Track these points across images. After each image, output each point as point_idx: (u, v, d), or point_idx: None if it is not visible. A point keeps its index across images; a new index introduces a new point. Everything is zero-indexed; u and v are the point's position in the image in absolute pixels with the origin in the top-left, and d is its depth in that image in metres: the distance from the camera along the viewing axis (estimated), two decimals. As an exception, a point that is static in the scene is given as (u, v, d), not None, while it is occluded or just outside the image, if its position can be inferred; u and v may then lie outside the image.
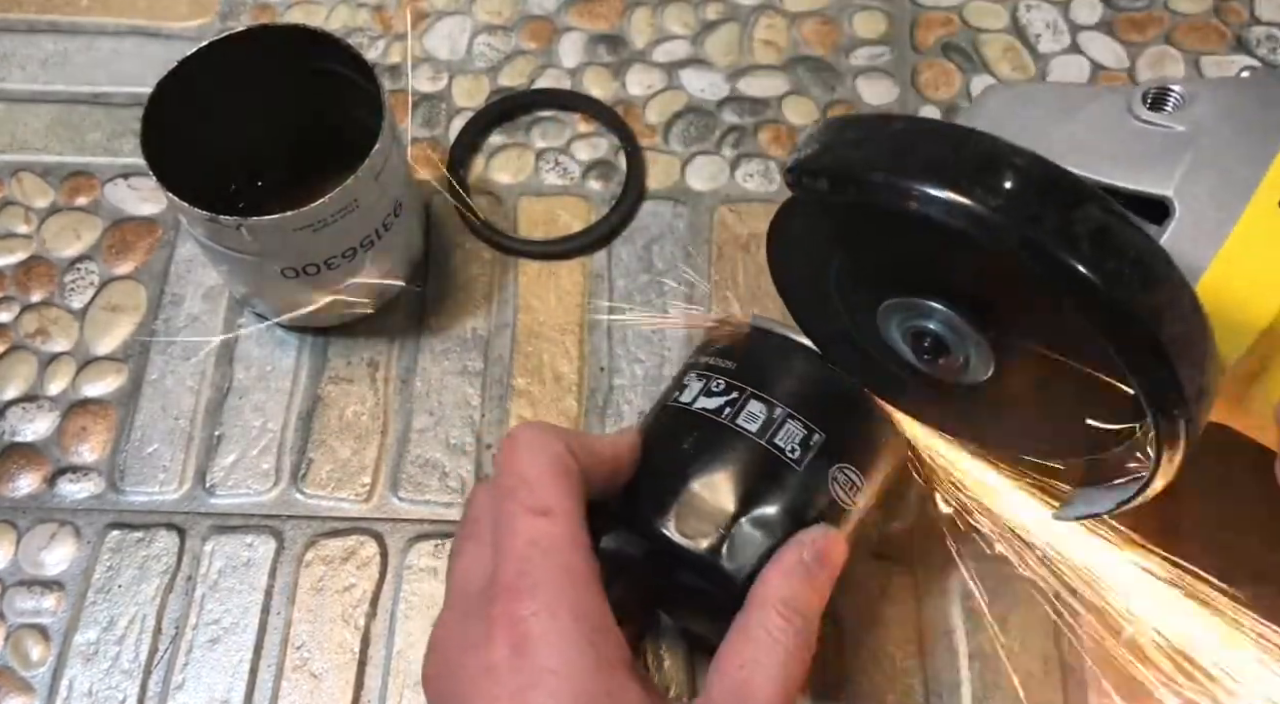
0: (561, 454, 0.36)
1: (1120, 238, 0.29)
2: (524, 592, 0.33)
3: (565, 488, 0.36)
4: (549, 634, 0.33)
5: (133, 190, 0.58)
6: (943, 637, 0.46)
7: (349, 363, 0.53)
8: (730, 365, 0.42)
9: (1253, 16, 0.62)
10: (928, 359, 0.36)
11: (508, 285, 0.55)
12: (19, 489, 0.51)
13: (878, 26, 0.62)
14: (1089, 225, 0.29)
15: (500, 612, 0.33)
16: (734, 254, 0.55)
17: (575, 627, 0.33)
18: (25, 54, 0.63)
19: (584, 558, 0.35)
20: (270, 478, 0.51)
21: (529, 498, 0.35)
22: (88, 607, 0.48)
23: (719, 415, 0.40)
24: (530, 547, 0.34)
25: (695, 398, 0.41)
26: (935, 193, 0.29)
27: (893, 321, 0.37)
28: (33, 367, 0.53)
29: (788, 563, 0.37)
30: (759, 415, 0.40)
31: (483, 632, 0.34)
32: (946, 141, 0.30)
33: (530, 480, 0.36)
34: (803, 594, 0.37)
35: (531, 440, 0.37)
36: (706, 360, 0.43)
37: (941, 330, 0.35)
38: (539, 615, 0.33)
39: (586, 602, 0.34)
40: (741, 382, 0.41)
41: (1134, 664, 0.41)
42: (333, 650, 0.47)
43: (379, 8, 0.64)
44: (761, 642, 0.35)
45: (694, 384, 0.42)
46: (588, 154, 0.59)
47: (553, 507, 0.35)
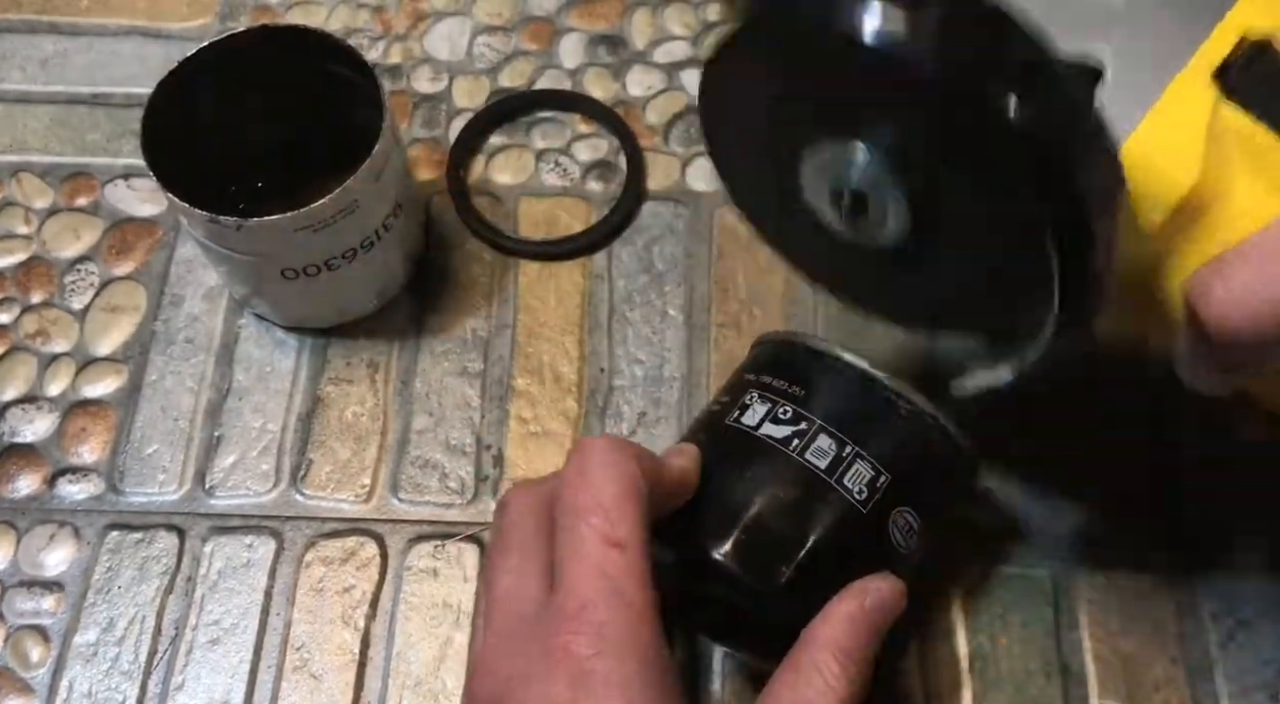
0: (637, 478, 0.35)
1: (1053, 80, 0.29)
2: (589, 628, 0.32)
3: (638, 518, 0.34)
4: (612, 677, 0.32)
5: (133, 191, 0.58)
6: (943, 637, 0.46)
7: (349, 363, 0.53)
8: (798, 392, 0.40)
9: None
10: (849, 216, 0.36)
11: (508, 286, 0.55)
12: (18, 490, 0.51)
13: (878, 27, 0.62)
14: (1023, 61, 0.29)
15: (562, 646, 0.32)
16: (734, 254, 0.55)
17: (639, 671, 0.32)
18: (25, 54, 0.63)
19: (648, 595, 0.34)
20: (270, 479, 0.51)
21: (603, 526, 0.34)
22: (87, 607, 0.48)
23: (787, 446, 0.39)
24: (599, 578, 0.33)
25: (760, 423, 0.40)
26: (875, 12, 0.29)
27: (814, 175, 0.36)
28: (32, 367, 0.53)
29: (850, 609, 0.37)
30: (828, 452, 0.39)
31: (542, 663, 0.32)
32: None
33: (605, 505, 0.34)
34: (860, 643, 0.36)
35: (608, 459, 0.35)
36: (768, 380, 0.41)
37: (862, 180, 0.35)
38: (604, 656, 0.32)
39: (649, 642, 0.33)
40: (810, 412, 0.40)
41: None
42: (332, 651, 0.47)
43: (379, 8, 0.64)
44: (817, 687, 0.35)
45: (757, 406, 0.41)
46: (588, 154, 0.59)
47: (626, 539, 0.34)
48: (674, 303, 0.54)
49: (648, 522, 0.35)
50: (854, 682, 0.36)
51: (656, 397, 0.52)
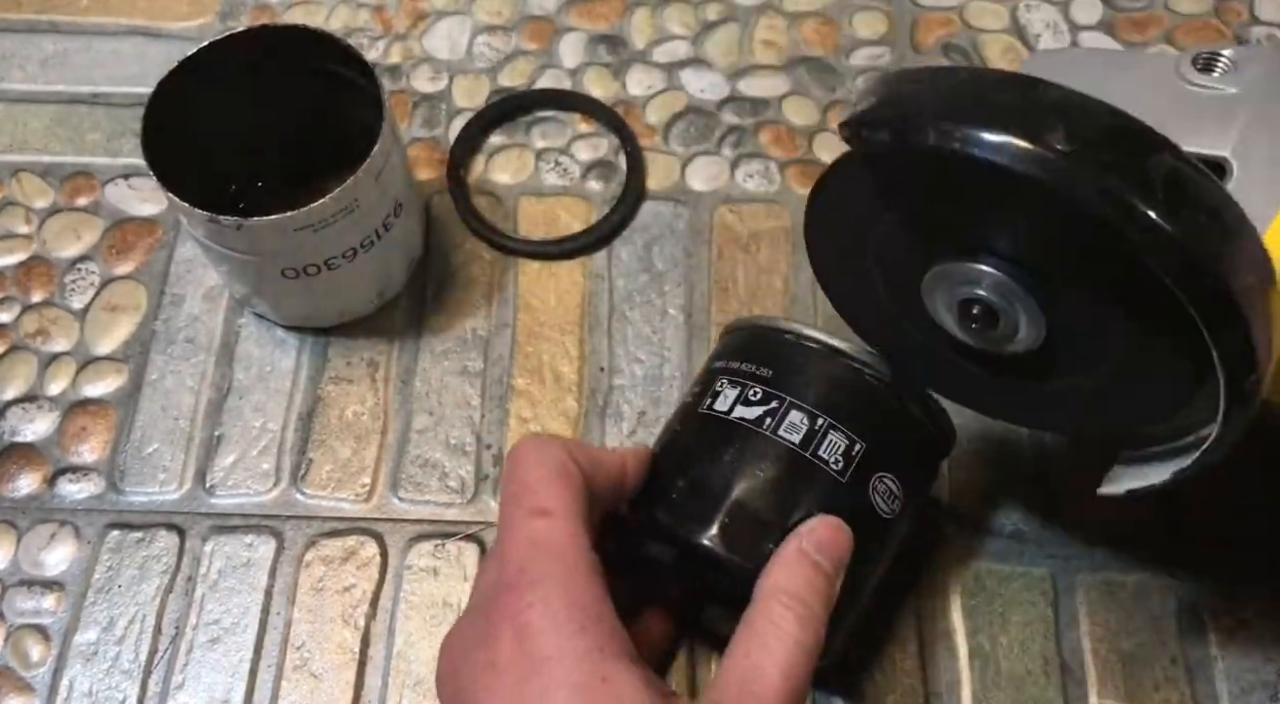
0: (562, 459, 0.37)
1: (1194, 186, 0.29)
2: (524, 587, 0.34)
3: (564, 489, 0.36)
4: (545, 623, 0.33)
5: (133, 190, 0.58)
6: (943, 637, 0.46)
7: (349, 363, 0.53)
8: (765, 372, 0.41)
9: (1252, 16, 0.62)
10: (976, 328, 0.35)
11: (508, 285, 0.55)
12: (19, 489, 0.51)
13: (878, 26, 0.62)
14: (1163, 172, 0.28)
15: (502, 607, 0.34)
16: (734, 254, 0.55)
17: (569, 614, 0.34)
18: (25, 54, 0.63)
19: (582, 553, 0.35)
20: (270, 478, 0.51)
21: (529, 500, 0.36)
22: (88, 607, 0.48)
23: (760, 426, 0.40)
24: (529, 545, 0.35)
25: (732, 406, 0.41)
26: (1006, 139, 0.29)
27: (939, 292, 0.36)
28: (33, 367, 0.53)
29: (788, 553, 0.38)
30: (801, 426, 0.40)
31: (487, 629, 0.34)
32: (1016, 89, 0.30)
33: (530, 484, 0.37)
34: (804, 582, 0.37)
35: (532, 449, 0.38)
36: (736, 365, 0.42)
37: (991, 296, 0.34)
38: (534, 606, 0.34)
39: (583, 592, 0.34)
40: (779, 390, 0.40)
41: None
42: (333, 651, 0.47)
43: (379, 8, 0.64)
44: (764, 630, 0.36)
45: (728, 391, 0.41)
46: (588, 154, 0.59)
47: (551, 507, 0.36)
48: (674, 302, 0.54)
49: (580, 496, 0.37)
50: (802, 619, 0.36)
51: (656, 396, 0.52)
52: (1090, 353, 0.35)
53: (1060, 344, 0.35)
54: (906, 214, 0.36)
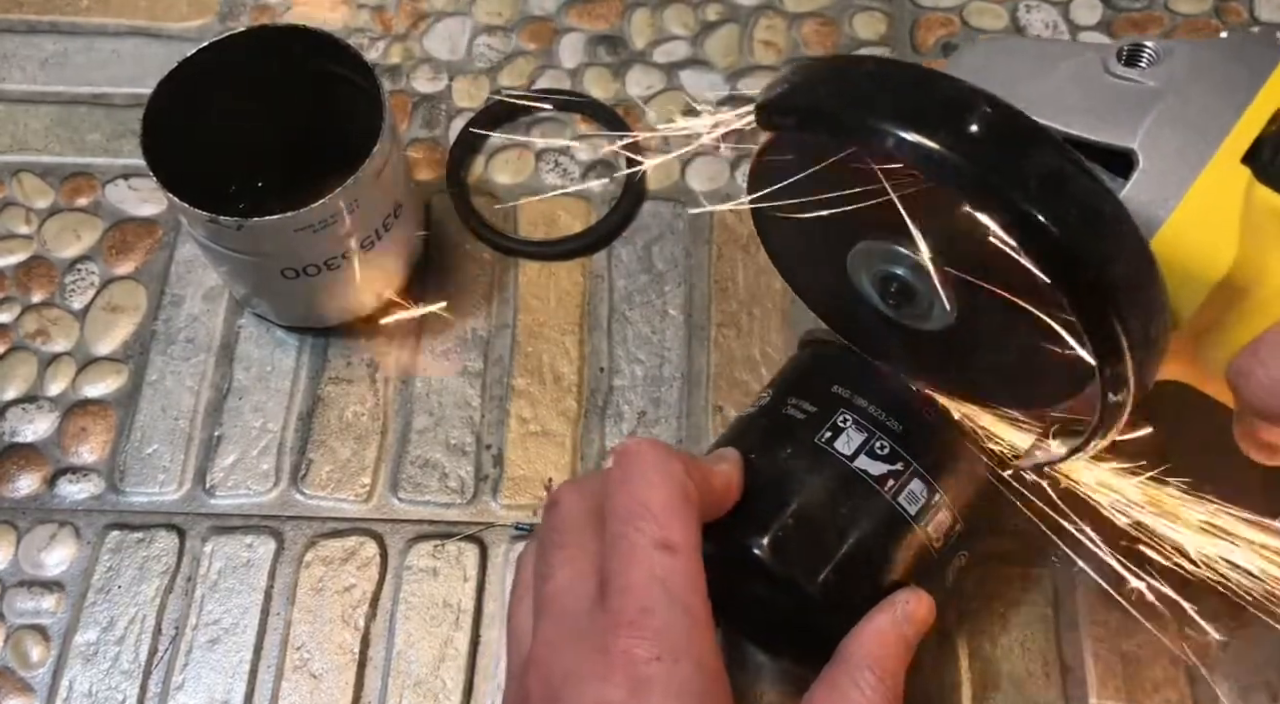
0: (684, 482, 0.35)
1: (1072, 183, 0.30)
2: (648, 633, 0.32)
3: (688, 521, 0.35)
4: (670, 684, 0.32)
5: (133, 191, 0.58)
6: (943, 637, 0.46)
7: (349, 363, 0.53)
8: (895, 426, 0.40)
9: (1252, 16, 0.62)
10: (893, 304, 0.36)
11: (508, 285, 0.55)
12: (19, 489, 0.51)
13: (878, 27, 0.62)
14: (1042, 169, 0.30)
15: (622, 649, 0.32)
16: (734, 254, 0.55)
17: (695, 677, 0.32)
18: (25, 54, 0.63)
19: (703, 600, 0.34)
20: (270, 478, 0.51)
21: (653, 529, 0.34)
22: (87, 607, 0.48)
23: (882, 486, 0.39)
24: (654, 583, 0.33)
25: (856, 453, 0.39)
26: (898, 132, 0.30)
27: (862, 268, 0.37)
28: (33, 367, 0.53)
29: (882, 624, 0.37)
30: (920, 498, 0.39)
31: (600, 663, 0.32)
32: (913, 83, 0.31)
33: (653, 509, 0.34)
34: (893, 654, 0.37)
35: (656, 462, 0.35)
36: (863, 404, 0.40)
37: (906, 275, 0.35)
38: (662, 661, 0.32)
39: (706, 651, 0.33)
40: (907, 453, 0.40)
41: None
42: (333, 651, 0.47)
43: (379, 8, 0.64)
44: (855, 700, 0.35)
45: (853, 434, 0.40)
46: (588, 154, 0.59)
47: (677, 542, 0.34)
48: (674, 303, 0.54)
49: (698, 525, 0.35)
50: (889, 692, 0.36)
51: (656, 396, 0.52)
52: (996, 336, 0.36)
53: (971, 324, 0.36)
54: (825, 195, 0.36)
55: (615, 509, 0.35)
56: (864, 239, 0.36)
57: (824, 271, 0.39)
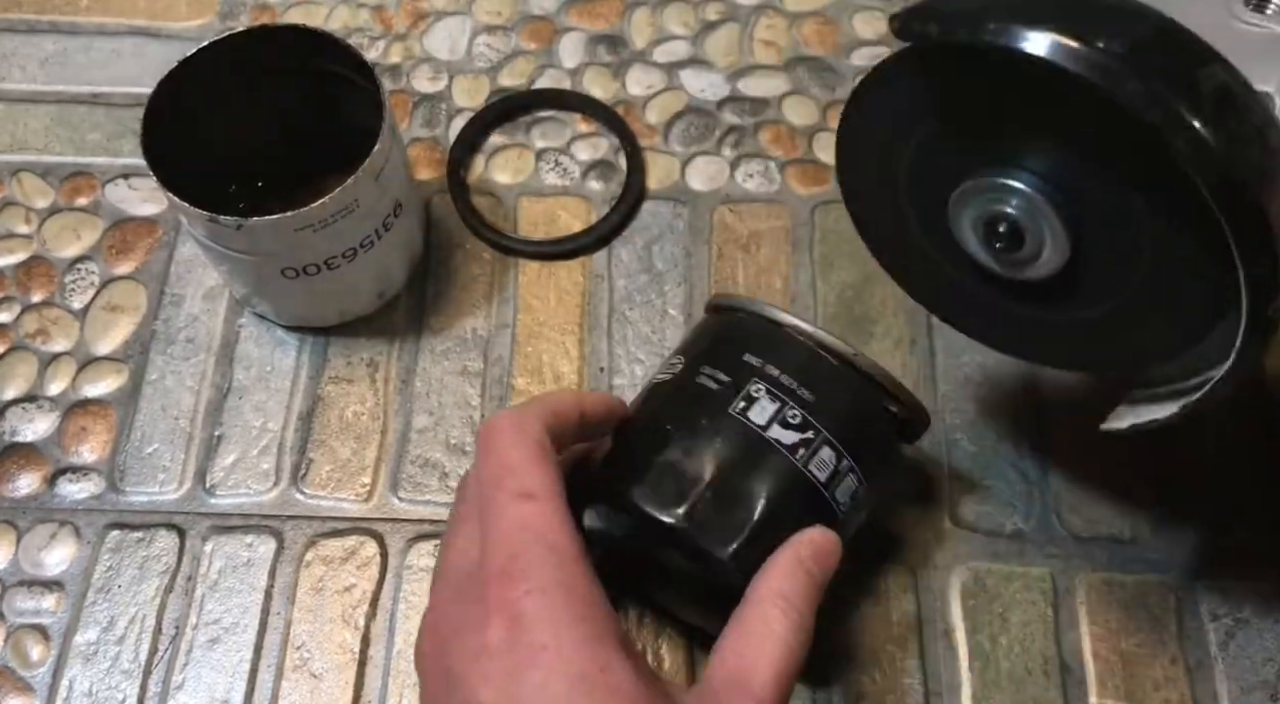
0: (539, 436, 0.37)
1: (1242, 102, 0.29)
2: (516, 574, 0.34)
3: (546, 470, 0.36)
4: (541, 612, 0.33)
5: (133, 190, 0.58)
6: (943, 637, 0.46)
7: (349, 363, 0.53)
8: (806, 395, 0.40)
9: (1253, 16, 0.62)
10: (1001, 248, 0.35)
11: (508, 285, 0.55)
12: (19, 489, 0.51)
13: (878, 26, 0.62)
14: (1212, 84, 0.28)
15: (494, 594, 0.34)
16: (734, 254, 0.55)
17: (567, 603, 0.34)
18: (25, 54, 0.63)
19: (570, 537, 0.35)
20: (270, 478, 0.51)
21: (512, 483, 0.36)
22: (87, 607, 0.48)
23: (793, 455, 0.40)
24: (519, 530, 0.35)
25: (769, 423, 0.40)
26: (1060, 38, 0.28)
27: (967, 208, 0.36)
28: (33, 367, 0.53)
29: (785, 561, 0.38)
30: (829, 464, 0.40)
31: (478, 614, 0.34)
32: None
33: (512, 466, 0.36)
34: (800, 590, 0.38)
35: (509, 425, 0.37)
36: (775, 373, 0.41)
37: (1019, 213, 0.34)
38: (531, 595, 0.34)
39: (576, 579, 0.34)
40: (817, 421, 0.40)
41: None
42: (333, 650, 0.47)
43: (379, 8, 0.64)
44: (760, 633, 0.36)
45: (766, 403, 0.40)
46: (588, 154, 0.59)
47: (535, 490, 0.36)
48: (674, 302, 0.54)
49: (557, 472, 0.37)
50: (795, 624, 0.37)
51: (656, 396, 0.52)
52: (1113, 280, 0.35)
53: (1083, 269, 0.35)
54: (944, 122, 0.35)
55: (481, 476, 0.37)
56: (971, 177, 0.34)
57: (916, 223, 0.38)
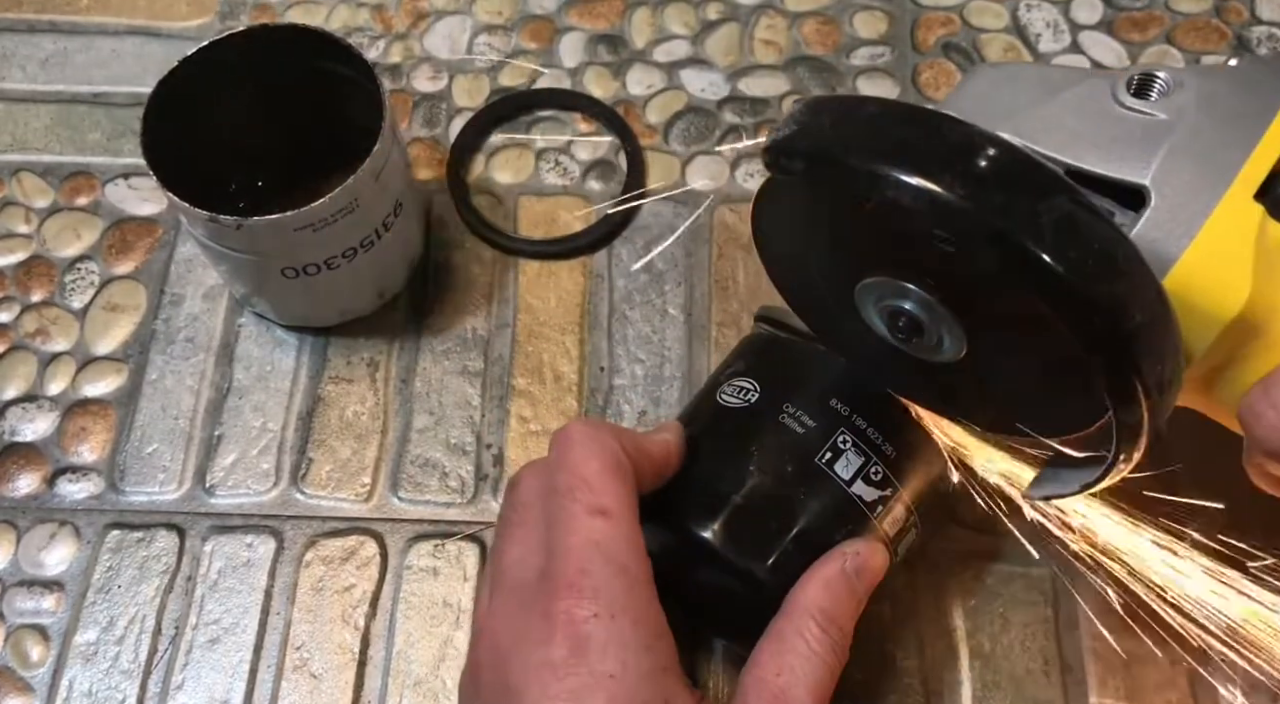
0: (618, 453, 0.37)
1: (1086, 229, 0.30)
2: (586, 593, 0.34)
3: (622, 488, 0.36)
4: (610, 638, 0.33)
5: (133, 190, 0.58)
6: (943, 637, 0.46)
7: (349, 363, 0.53)
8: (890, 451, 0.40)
9: (1253, 16, 0.62)
10: (902, 338, 0.36)
11: (508, 285, 0.55)
12: (19, 489, 0.51)
13: (878, 26, 0.62)
14: (1055, 215, 0.29)
15: (562, 610, 0.33)
16: (734, 254, 0.55)
17: (634, 632, 0.33)
18: (25, 54, 0.63)
19: (641, 560, 0.35)
20: (270, 478, 0.51)
21: (588, 498, 0.35)
22: (87, 607, 0.48)
23: (872, 512, 0.40)
24: (591, 547, 0.34)
25: (854, 479, 0.40)
26: (906, 178, 0.29)
27: (869, 300, 0.37)
28: (33, 366, 0.53)
29: (830, 573, 0.37)
30: (899, 521, 0.40)
31: (543, 627, 0.34)
32: (921, 127, 0.31)
33: (589, 480, 0.36)
34: (841, 605, 0.37)
35: (588, 438, 0.37)
36: (863, 425, 0.40)
37: (915, 310, 0.35)
38: (600, 618, 0.33)
39: (645, 606, 0.34)
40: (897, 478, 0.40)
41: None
42: (332, 651, 0.47)
43: (379, 8, 0.64)
44: (800, 651, 0.36)
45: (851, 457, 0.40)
46: (588, 154, 0.59)
47: (611, 507, 0.35)
48: (674, 302, 0.54)
49: (633, 492, 0.36)
50: (835, 643, 0.36)
51: (656, 396, 0.52)
52: (1007, 370, 0.36)
53: (981, 358, 0.36)
54: (832, 233, 0.36)
55: (554, 485, 0.37)
56: (870, 274, 0.36)
57: (830, 303, 0.39)
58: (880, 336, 0.38)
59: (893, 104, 0.33)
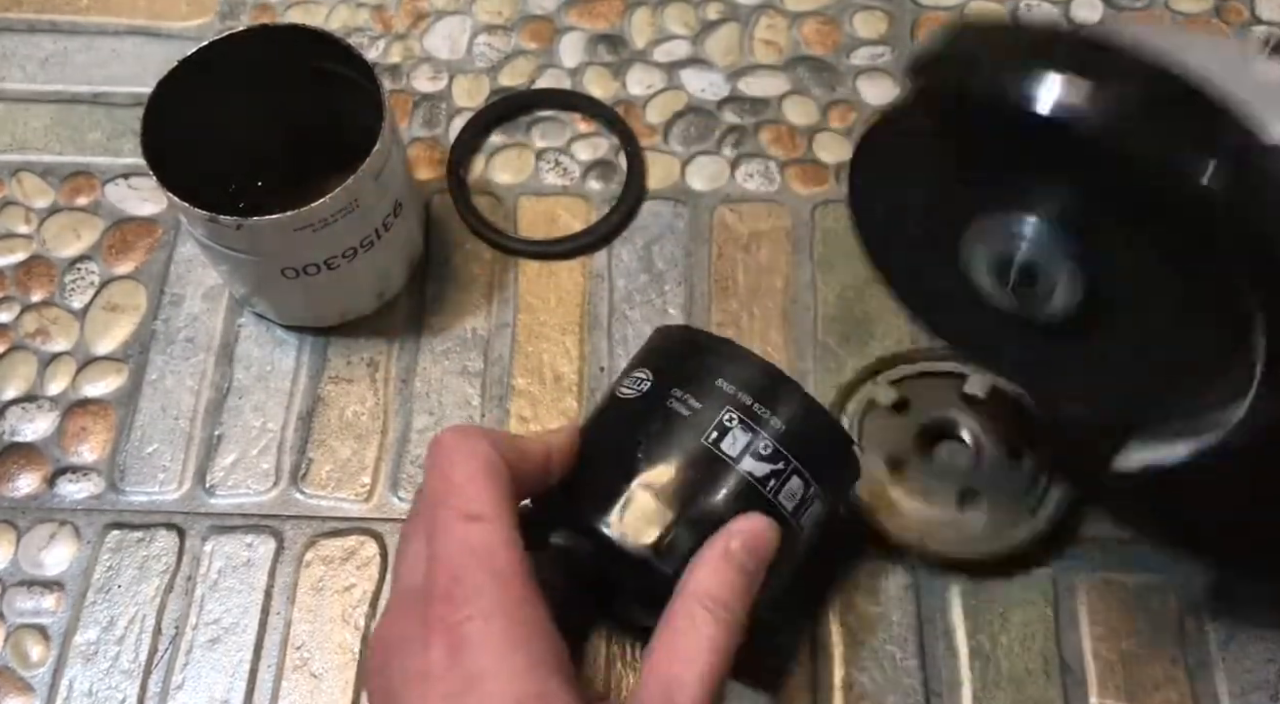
0: (489, 456, 0.37)
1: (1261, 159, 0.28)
2: (458, 597, 0.34)
3: (495, 491, 0.36)
4: (484, 638, 0.33)
5: (133, 190, 0.58)
6: (943, 637, 0.46)
7: (349, 363, 0.53)
8: (778, 426, 0.40)
9: (1253, 15, 0.62)
10: (1013, 288, 0.35)
11: (508, 285, 0.55)
12: (19, 489, 0.51)
13: (878, 26, 0.62)
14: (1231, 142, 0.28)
15: (437, 615, 0.34)
16: (734, 254, 0.55)
17: (509, 630, 0.34)
18: (25, 54, 0.63)
19: (517, 560, 0.35)
20: (270, 478, 0.51)
21: (460, 503, 0.36)
22: (88, 607, 0.48)
23: (764, 487, 0.39)
24: (464, 552, 0.35)
25: (741, 455, 0.39)
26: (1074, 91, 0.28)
27: (979, 247, 0.35)
28: (33, 366, 0.53)
29: (714, 555, 0.37)
30: (796, 494, 0.40)
31: (421, 635, 0.34)
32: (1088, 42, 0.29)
33: (460, 485, 0.36)
34: (729, 586, 0.37)
35: (457, 444, 0.37)
36: (748, 402, 0.40)
37: (1032, 252, 0.33)
38: (474, 620, 0.33)
39: (519, 604, 0.34)
40: (789, 452, 0.40)
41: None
42: (333, 650, 0.47)
43: (379, 8, 0.64)
44: (689, 637, 0.36)
45: (739, 434, 0.39)
46: (588, 154, 0.59)
47: (484, 511, 0.35)
48: (674, 302, 0.54)
49: (509, 494, 0.36)
50: (723, 622, 0.36)
51: (656, 396, 0.52)
52: (1128, 319, 0.34)
53: (1096, 309, 0.34)
54: (957, 163, 0.35)
55: (429, 492, 0.37)
56: (987, 212, 0.34)
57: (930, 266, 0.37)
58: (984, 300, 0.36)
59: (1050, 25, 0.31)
